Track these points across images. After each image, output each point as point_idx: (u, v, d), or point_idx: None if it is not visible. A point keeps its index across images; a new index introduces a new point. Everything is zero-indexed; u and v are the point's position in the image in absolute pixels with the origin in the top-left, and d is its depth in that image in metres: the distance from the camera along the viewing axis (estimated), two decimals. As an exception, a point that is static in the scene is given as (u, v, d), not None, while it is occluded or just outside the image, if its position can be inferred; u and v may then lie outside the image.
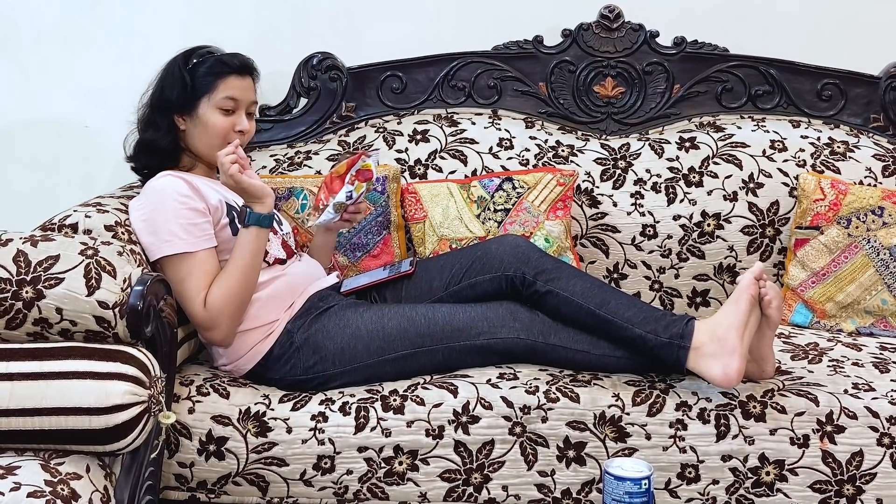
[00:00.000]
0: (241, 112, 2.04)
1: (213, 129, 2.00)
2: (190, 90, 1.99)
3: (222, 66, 2.01)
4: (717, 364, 1.75)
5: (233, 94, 2.01)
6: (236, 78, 2.02)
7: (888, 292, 2.19)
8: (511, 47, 2.51)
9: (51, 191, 2.63)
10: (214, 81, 2.00)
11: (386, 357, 1.88)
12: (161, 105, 2.02)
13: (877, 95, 2.49)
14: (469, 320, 1.89)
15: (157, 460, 1.70)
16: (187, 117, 2.01)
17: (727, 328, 1.76)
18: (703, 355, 1.77)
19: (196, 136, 2.02)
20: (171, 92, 2.01)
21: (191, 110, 2.01)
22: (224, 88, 2.00)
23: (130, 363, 1.55)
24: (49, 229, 1.83)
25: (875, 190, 2.27)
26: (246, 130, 2.04)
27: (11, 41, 2.62)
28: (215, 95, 2.00)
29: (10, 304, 1.56)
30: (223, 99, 2.00)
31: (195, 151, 2.04)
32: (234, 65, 2.02)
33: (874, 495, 1.77)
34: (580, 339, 1.88)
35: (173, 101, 2.00)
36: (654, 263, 2.37)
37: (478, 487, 1.81)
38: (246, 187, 1.88)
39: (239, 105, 2.03)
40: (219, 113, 2.00)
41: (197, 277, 1.86)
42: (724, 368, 1.74)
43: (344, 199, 2.00)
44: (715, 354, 1.75)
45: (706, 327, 1.79)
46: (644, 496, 1.48)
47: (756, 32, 2.56)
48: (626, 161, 2.43)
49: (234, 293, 1.86)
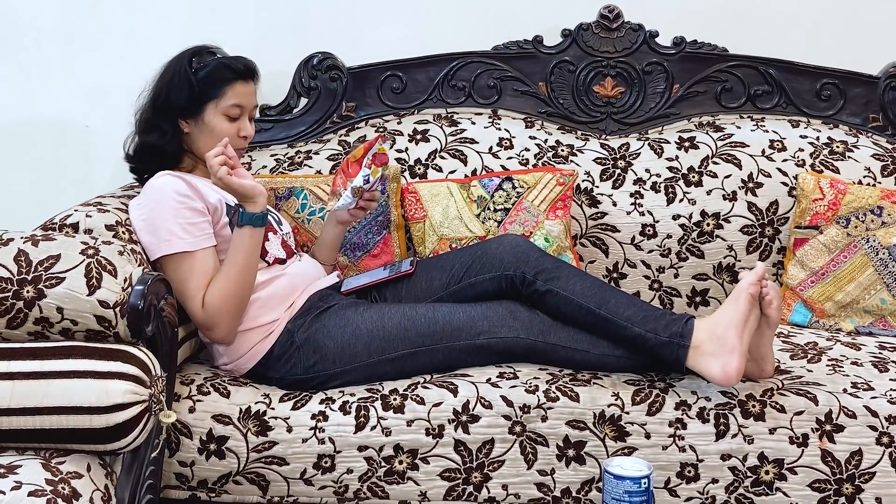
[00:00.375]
0: (245, 117, 2.04)
1: (218, 135, 1.98)
2: (197, 95, 1.98)
3: (229, 72, 2.00)
4: (717, 362, 1.75)
5: (239, 101, 2.01)
6: (242, 84, 2.02)
7: (887, 292, 2.19)
8: (511, 47, 2.52)
9: (51, 190, 2.63)
10: (223, 88, 1.99)
11: (386, 356, 1.89)
12: (167, 108, 2.00)
13: (876, 95, 2.49)
14: (469, 319, 1.90)
15: (158, 459, 1.70)
16: (192, 121, 2.01)
17: (726, 327, 1.76)
18: (702, 354, 1.77)
19: (200, 140, 2.01)
20: (177, 96, 1.99)
21: (196, 114, 2.00)
22: (231, 95, 2.00)
23: (131, 362, 1.56)
24: (50, 229, 1.84)
25: (874, 189, 2.27)
26: (249, 134, 2.05)
27: (13, 41, 2.62)
28: (223, 102, 1.99)
29: (11, 303, 1.56)
30: (230, 106, 2.00)
31: (198, 154, 2.03)
32: (239, 70, 2.01)
33: (873, 494, 1.77)
34: (580, 338, 1.89)
35: (180, 105, 1.99)
36: (654, 263, 2.37)
37: (478, 486, 1.81)
38: (236, 188, 1.88)
39: (244, 111, 2.03)
40: (225, 119, 2.00)
41: (196, 277, 1.86)
42: (724, 367, 1.74)
43: (361, 183, 1.99)
44: (714, 353, 1.76)
45: (705, 326, 1.79)
46: (643, 495, 1.48)
47: (755, 32, 2.56)
48: (626, 161, 2.43)
49: (232, 292, 1.87)
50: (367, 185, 2.01)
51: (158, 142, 2.01)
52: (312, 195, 2.29)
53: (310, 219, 2.28)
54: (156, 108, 2.02)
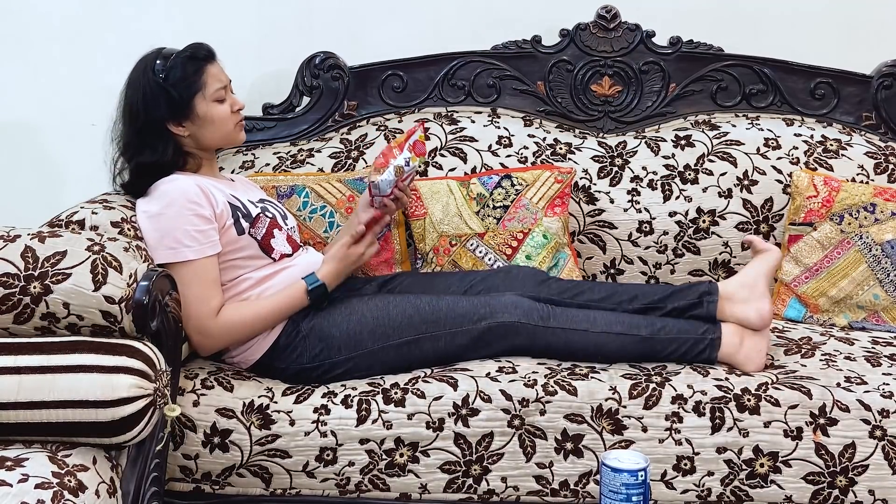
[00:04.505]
0: (229, 93, 2.05)
1: (220, 120, 2.01)
2: (178, 97, 1.96)
3: (196, 61, 1.99)
4: (751, 307, 1.93)
5: (219, 81, 2.01)
6: (211, 65, 2.01)
7: (880, 287, 2.21)
8: (510, 47, 2.53)
9: (58, 188, 2.64)
10: (200, 77, 1.98)
11: (390, 343, 1.90)
12: (150, 124, 1.97)
13: (869, 94, 2.51)
14: (471, 307, 1.93)
15: (163, 452, 1.71)
16: (187, 122, 1.99)
17: (755, 276, 1.97)
18: (736, 303, 1.95)
19: (205, 133, 2.01)
20: (156, 108, 1.96)
21: (188, 114, 1.98)
22: (210, 80, 1.99)
23: (136, 357, 1.57)
24: (56, 226, 1.85)
25: (867, 187, 2.29)
26: (242, 106, 2.07)
27: (20, 40, 2.63)
28: (207, 90, 1.99)
29: (18, 299, 1.57)
30: (215, 91, 2.00)
31: (209, 145, 2.04)
32: (202, 55, 2.00)
33: (866, 487, 1.79)
34: (578, 319, 1.92)
35: (163, 115, 1.97)
36: (651, 259, 2.39)
37: (477, 479, 1.83)
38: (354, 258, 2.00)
39: (227, 88, 2.04)
40: (217, 104, 2.01)
41: (197, 285, 1.87)
42: (759, 311, 1.92)
43: (402, 164, 1.99)
44: (747, 299, 1.94)
45: (735, 279, 1.99)
46: (640, 487, 1.48)
47: (750, 32, 2.57)
48: (623, 158, 2.45)
49: (248, 325, 1.91)
50: (407, 168, 2.00)
51: (154, 158, 1.97)
52: (314, 193, 2.30)
53: (311, 217, 2.29)
54: (137, 128, 1.98)
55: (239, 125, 2.06)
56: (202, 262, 1.89)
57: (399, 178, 1.99)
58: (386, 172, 1.98)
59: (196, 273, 1.88)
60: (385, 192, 2.00)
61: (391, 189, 1.99)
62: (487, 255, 2.26)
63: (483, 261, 2.25)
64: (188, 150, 2.03)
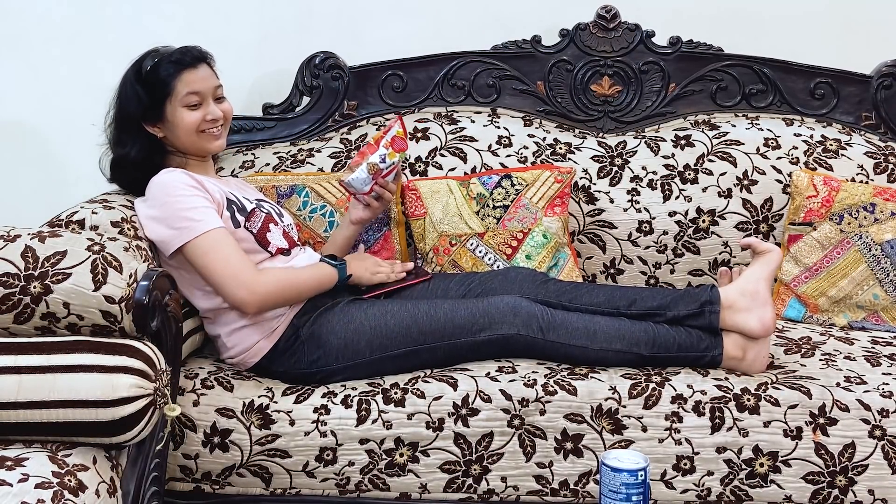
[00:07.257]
0: (208, 101, 2.03)
1: (186, 126, 2.01)
2: (149, 99, 1.98)
3: (171, 66, 1.99)
4: (753, 316, 1.88)
5: (192, 88, 2.00)
6: (190, 72, 2.00)
7: (879, 287, 2.22)
8: (510, 47, 2.53)
9: (58, 188, 2.64)
10: (171, 83, 1.98)
11: (388, 354, 1.90)
12: (125, 120, 2.02)
13: (868, 94, 2.51)
14: (470, 316, 1.91)
15: (163, 452, 1.72)
16: (160, 124, 2.01)
17: (756, 282, 1.90)
18: (737, 311, 1.89)
19: (176, 136, 2.02)
20: (130, 106, 2.00)
21: (160, 116, 2.00)
22: (182, 87, 1.99)
23: (136, 357, 1.57)
24: (56, 225, 1.85)
25: (867, 187, 2.29)
26: (218, 117, 2.05)
27: (20, 39, 2.63)
28: (176, 96, 1.99)
29: (18, 298, 1.57)
30: (185, 96, 1.99)
31: (182, 149, 2.05)
32: (181, 60, 2.00)
33: (866, 486, 1.79)
34: (578, 334, 1.91)
35: (137, 114, 2.00)
36: (650, 259, 2.39)
37: (477, 479, 1.83)
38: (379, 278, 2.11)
39: (203, 96, 2.02)
40: (186, 110, 2.00)
41: (228, 246, 1.88)
42: (761, 319, 1.88)
43: (377, 161, 1.98)
44: (749, 308, 1.89)
45: (735, 286, 1.91)
46: (640, 487, 1.48)
47: (750, 32, 2.58)
48: (623, 158, 2.45)
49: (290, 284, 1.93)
50: (383, 165, 1.99)
51: (125, 152, 2.01)
52: (314, 193, 2.31)
53: (311, 216, 2.30)
54: (117, 122, 2.03)
55: (208, 134, 2.04)
56: (221, 230, 1.89)
57: (376, 175, 1.99)
58: (358, 170, 2.00)
59: (221, 238, 1.88)
60: (362, 191, 2.02)
61: (370, 187, 2.00)
62: (487, 255, 2.26)
63: (483, 260, 2.26)
64: (170, 150, 2.05)
